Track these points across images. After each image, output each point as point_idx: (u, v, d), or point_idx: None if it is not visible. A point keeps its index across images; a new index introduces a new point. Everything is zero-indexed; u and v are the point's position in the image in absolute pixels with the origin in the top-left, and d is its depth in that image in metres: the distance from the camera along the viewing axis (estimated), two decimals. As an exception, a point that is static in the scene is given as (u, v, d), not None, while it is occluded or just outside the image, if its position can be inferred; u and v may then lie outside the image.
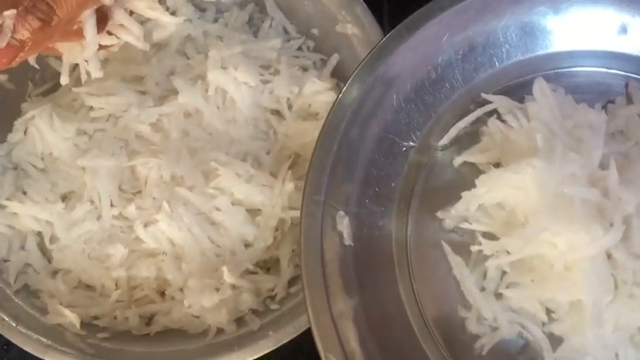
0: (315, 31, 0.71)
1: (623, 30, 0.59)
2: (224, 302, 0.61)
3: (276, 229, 0.65)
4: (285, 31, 0.73)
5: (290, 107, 0.68)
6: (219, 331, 0.61)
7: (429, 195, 0.56)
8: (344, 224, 0.53)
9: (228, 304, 0.61)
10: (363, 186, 0.55)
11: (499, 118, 0.57)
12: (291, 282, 0.64)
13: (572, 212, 0.49)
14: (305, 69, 0.70)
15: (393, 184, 0.56)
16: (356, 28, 0.66)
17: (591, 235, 0.48)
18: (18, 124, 0.68)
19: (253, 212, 0.65)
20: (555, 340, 0.51)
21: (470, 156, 0.56)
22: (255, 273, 0.64)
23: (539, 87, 0.56)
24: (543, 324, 0.51)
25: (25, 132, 0.67)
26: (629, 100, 0.58)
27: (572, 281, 0.49)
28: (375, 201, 0.55)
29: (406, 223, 0.55)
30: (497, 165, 0.55)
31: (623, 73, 0.60)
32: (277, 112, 0.69)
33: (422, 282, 0.53)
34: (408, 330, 0.52)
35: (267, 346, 0.58)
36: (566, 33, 0.59)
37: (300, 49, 0.72)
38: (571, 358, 0.50)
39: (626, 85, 0.59)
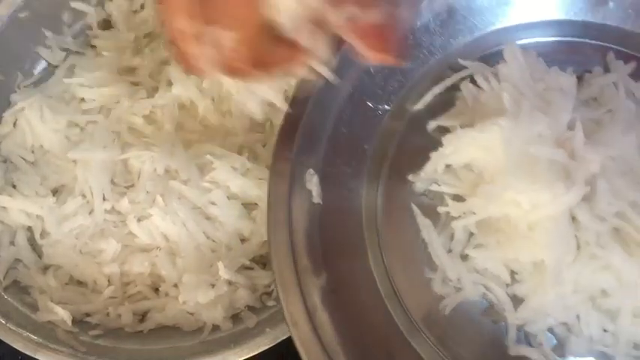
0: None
1: (604, 1, 0.58)
2: (220, 298, 0.59)
3: (273, 224, 0.63)
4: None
5: (286, 99, 0.66)
6: (215, 327, 0.59)
7: (401, 159, 0.56)
8: (313, 182, 0.52)
9: (223, 300, 0.59)
10: (335, 146, 0.54)
11: (473, 82, 0.56)
12: (288, 277, 0.62)
13: (537, 171, 0.49)
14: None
15: (365, 147, 0.55)
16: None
17: (554, 193, 0.48)
18: (7, 115, 0.66)
19: (249, 206, 0.63)
20: (518, 302, 0.50)
21: (444, 120, 0.56)
22: (252, 269, 0.62)
23: (510, 50, 0.55)
24: (507, 285, 0.51)
25: (14, 124, 0.65)
26: (607, 70, 0.58)
27: (534, 241, 0.49)
28: (346, 162, 0.54)
29: (377, 186, 0.54)
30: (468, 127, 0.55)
31: (602, 44, 0.59)
32: (273, 104, 0.67)
33: (390, 245, 0.52)
34: (375, 292, 0.50)
35: (263, 343, 0.56)
36: (546, 2, 0.59)
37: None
38: (532, 319, 0.50)
39: (604, 55, 0.58)
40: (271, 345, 0.56)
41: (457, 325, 0.50)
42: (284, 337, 0.56)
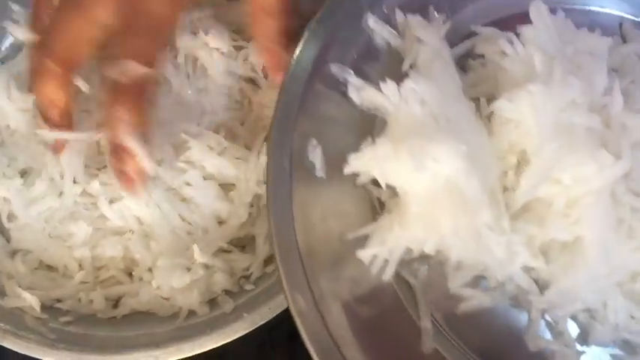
0: (290, -8, 0.66)
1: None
2: (195, 283, 0.56)
3: (251, 205, 0.59)
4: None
5: (266, 76, 0.63)
6: (191, 313, 0.57)
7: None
8: (316, 154, 0.47)
9: (199, 284, 0.56)
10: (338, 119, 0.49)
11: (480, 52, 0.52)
12: (267, 261, 0.58)
13: (575, 141, 0.44)
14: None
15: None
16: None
17: (600, 164, 0.44)
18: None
19: (227, 187, 0.60)
20: (543, 287, 0.46)
21: (461, 91, 0.51)
22: (230, 252, 0.59)
23: (537, 9, 0.50)
24: (531, 268, 0.46)
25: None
26: (624, 40, 0.54)
27: (574, 218, 0.44)
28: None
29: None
30: (489, 98, 0.49)
31: (617, 13, 0.55)
32: (252, 81, 0.64)
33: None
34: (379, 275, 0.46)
35: (241, 329, 0.53)
36: None
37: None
38: (559, 303, 0.46)
39: (620, 25, 0.55)
40: (249, 330, 0.54)
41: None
42: (262, 322, 0.54)
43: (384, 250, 0.45)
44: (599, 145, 0.45)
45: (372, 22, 0.51)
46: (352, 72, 0.49)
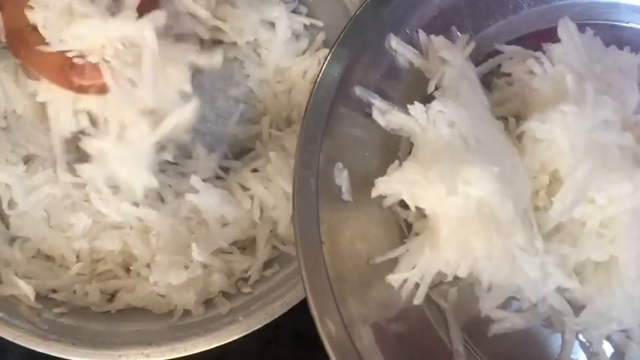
0: (309, -5, 0.63)
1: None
2: (193, 281, 0.54)
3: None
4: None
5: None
6: (186, 312, 0.54)
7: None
8: (343, 177, 0.46)
9: (197, 283, 0.54)
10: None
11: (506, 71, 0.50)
12: (267, 264, 0.56)
13: (609, 161, 0.43)
14: (297, 35, 0.63)
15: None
16: (354, -4, 0.60)
17: (635, 183, 0.42)
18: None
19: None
20: (577, 307, 0.45)
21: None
22: (230, 253, 0.57)
23: (565, 27, 0.48)
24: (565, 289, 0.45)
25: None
26: None
27: (609, 238, 0.43)
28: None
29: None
30: (517, 117, 0.48)
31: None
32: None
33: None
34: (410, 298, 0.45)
35: (235, 332, 0.52)
36: None
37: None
38: (595, 324, 0.44)
39: None
40: (244, 334, 0.52)
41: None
42: (257, 327, 0.53)
43: (414, 273, 0.43)
44: (634, 164, 0.43)
45: (394, 43, 0.49)
46: (376, 95, 0.47)
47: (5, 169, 0.56)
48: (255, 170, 0.59)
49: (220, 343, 0.52)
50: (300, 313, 0.50)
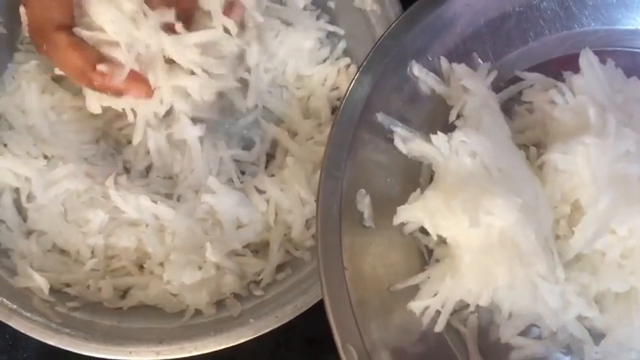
0: (331, 4, 0.63)
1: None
2: (205, 282, 0.54)
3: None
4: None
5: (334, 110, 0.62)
6: (197, 312, 0.54)
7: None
8: (365, 203, 0.46)
9: (209, 284, 0.54)
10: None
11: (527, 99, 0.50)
12: (279, 268, 0.56)
13: (630, 192, 0.43)
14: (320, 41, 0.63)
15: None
16: (375, 4, 0.58)
17: None
18: (11, 75, 0.59)
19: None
20: (596, 336, 0.45)
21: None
22: (243, 255, 0.57)
23: (587, 59, 0.48)
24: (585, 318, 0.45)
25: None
26: None
27: (629, 269, 0.43)
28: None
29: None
30: (537, 146, 0.48)
31: None
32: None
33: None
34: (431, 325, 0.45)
35: (246, 334, 0.51)
36: (606, 8, 0.52)
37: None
38: (614, 353, 0.44)
39: None
40: (254, 337, 0.52)
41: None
42: (267, 330, 0.52)
43: (436, 301, 0.43)
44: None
45: (416, 69, 0.49)
46: (398, 121, 0.47)
47: (26, 162, 0.55)
48: (272, 175, 0.58)
49: (230, 344, 0.52)
50: (310, 317, 0.50)
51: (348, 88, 0.47)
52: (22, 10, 0.52)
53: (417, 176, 0.48)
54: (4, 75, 0.59)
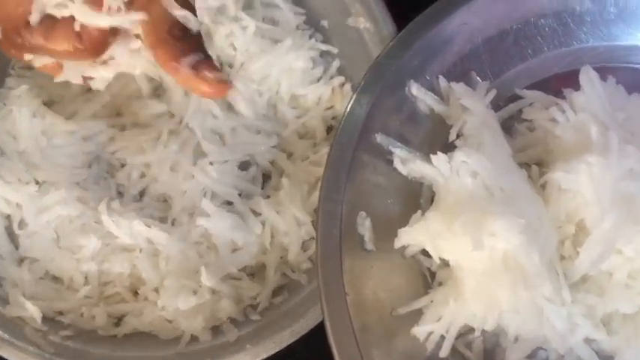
0: (324, 23, 0.61)
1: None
2: (201, 307, 0.52)
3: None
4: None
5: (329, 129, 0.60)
6: (193, 338, 0.52)
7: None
8: (365, 226, 0.45)
9: (205, 309, 0.52)
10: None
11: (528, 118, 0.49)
12: (276, 291, 0.54)
13: (636, 211, 0.42)
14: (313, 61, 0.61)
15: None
16: (369, 22, 0.57)
17: None
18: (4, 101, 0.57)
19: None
20: (604, 358, 0.44)
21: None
22: (239, 279, 0.55)
23: (587, 76, 0.47)
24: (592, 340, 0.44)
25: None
26: None
27: (637, 290, 0.42)
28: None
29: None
30: (538, 164, 0.47)
31: None
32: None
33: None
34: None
35: (242, 360, 0.50)
36: (605, 24, 0.51)
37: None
38: None
39: None
40: (251, 363, 0.50)
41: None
42: (265, 356, 0.50)
43: (440, 326, 0.42)
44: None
45: (415, 89, 0.48)
46: (397, 142, 0.46)
47: (17, 188, 0.54)
48: (267, 197, 0.56)
49: (226, 372, 0.49)
50: (310, 342, 0.49)
51: (346, 109, 0.46)
52: None
53: (418, 197, 0.46)
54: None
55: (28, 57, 0.49)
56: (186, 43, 0.47)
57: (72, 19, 0.46)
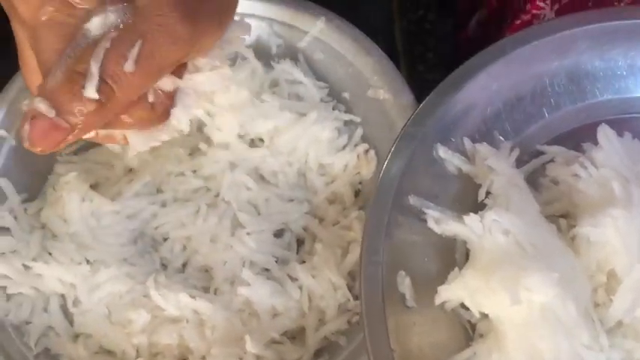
0: (346, 95, 0.64)
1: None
2: (247, 373, 0.54)
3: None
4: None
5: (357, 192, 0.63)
6: (241, 405, 0.53)
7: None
8: (406, 285, 0.47)
9: (251, 375, 0.54)
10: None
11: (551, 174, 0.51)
12: (316, 354, 0.56)
13: None
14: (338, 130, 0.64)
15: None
16: (388, 94, 0.60)
17: None
18: (52, 187, 0.60)
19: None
20: None
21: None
22: (281, 343, 0.56)
23: (604, 133, 0.49)
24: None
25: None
26: None
27: None
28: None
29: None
30: (564, 217, 0.49)
31: None
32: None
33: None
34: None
35: None
36: (617, 79, 0.53)
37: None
38: None
39: None
40: None
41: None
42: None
43: None
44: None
45: (442, 151, 0.50)
46: (429, 202, 0.49)
47: (70, 269, 0.56)
48: (302, 262, 0.58)
49: None
50: None
51: (380, 174, 0.49)
52: None
53: (453, 252, 0.48)
54: (45, 186, 0.61)
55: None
56: None
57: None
